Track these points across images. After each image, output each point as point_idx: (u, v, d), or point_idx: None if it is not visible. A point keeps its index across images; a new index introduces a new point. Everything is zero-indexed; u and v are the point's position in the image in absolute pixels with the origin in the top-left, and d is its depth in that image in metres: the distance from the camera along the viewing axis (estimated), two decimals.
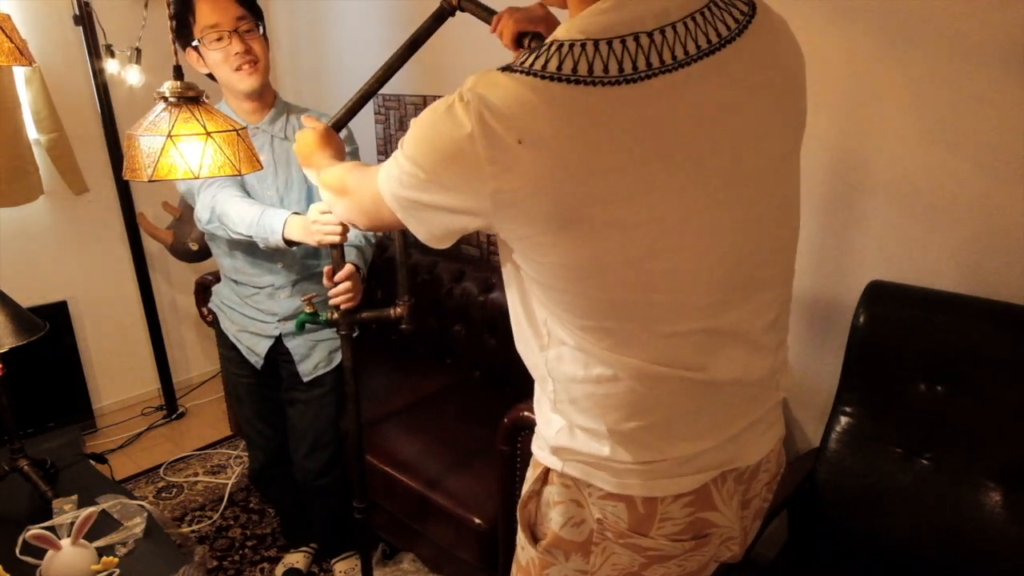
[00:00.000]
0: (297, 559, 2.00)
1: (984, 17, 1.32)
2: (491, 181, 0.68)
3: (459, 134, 0.67)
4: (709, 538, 0.87)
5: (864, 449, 1.46)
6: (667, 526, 0.84)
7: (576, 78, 0.66)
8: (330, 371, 1.75)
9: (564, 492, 0.88)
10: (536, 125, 0.66)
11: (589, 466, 0.84)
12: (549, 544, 0.90)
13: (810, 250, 1.66)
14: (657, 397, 0.79)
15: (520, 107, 0.66)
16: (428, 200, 0.74)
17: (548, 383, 0.85)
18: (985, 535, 1.30)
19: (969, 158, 1.40)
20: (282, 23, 2.90)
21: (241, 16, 1.46)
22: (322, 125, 1.21)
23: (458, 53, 2.19)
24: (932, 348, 1.39)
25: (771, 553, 1.54)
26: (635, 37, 0.67)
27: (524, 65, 0.68)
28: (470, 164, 0.68)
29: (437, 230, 0.77)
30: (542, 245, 0.72)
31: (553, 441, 0.86)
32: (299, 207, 1.59)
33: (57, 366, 2.65)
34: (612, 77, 0.66)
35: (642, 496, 0.82)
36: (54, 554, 1.26)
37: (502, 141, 0.66)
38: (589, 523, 0.87)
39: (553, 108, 0.66)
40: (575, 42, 0.67)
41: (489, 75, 0.69)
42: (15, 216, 2.46)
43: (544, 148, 0.66)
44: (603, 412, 0.80)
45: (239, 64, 1.48)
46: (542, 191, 0.67)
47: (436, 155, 0.71)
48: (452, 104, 0.69)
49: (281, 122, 1.61)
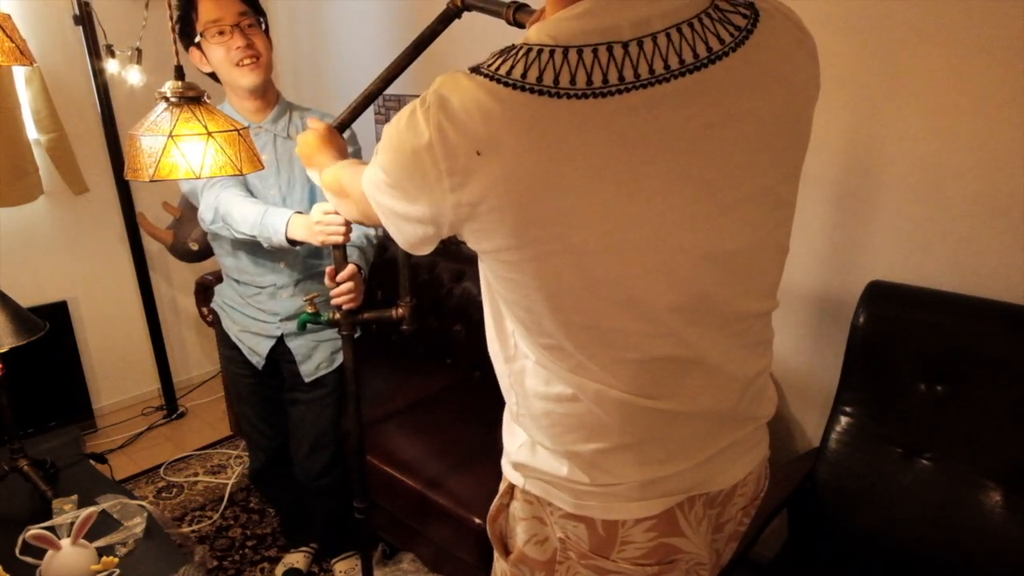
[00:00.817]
0: (297, 559, 2.00)
1: (984, 19, 1.33)
2: (451, 193, 0.64)
3: (419, 143, 0.64)
4: (675, 564, 0.82)
5: (864, 449, 1.46)
6: (629, 550, 0.80)
7: (540, 88, 0.61)
8: (331, 371, 1.75)
9: (527, 509, 0.86)
10: (495, 135, 0.61)
11: (549, 484, 0.82)
12: (516, 559, 0.89)
13: (810, 250, 1.66)
14: (617, 422, 0.74)
15: (480, 115, 0.62)
16: (400, 209, 0.71)
17: (511, 395, 0.84)
18: (985, 535, 1.30)
19: (969, 158, 1.40)
20: (282, 23, 2.90)
21: (243, 11, 1.47)
22: (324, 125, 1.21)
23: (459, 53, 2.18)
24: (932, 348, 1.40)
25: (771, 553, 1.54)
26: (608, 47, 0.62)
27: (490, 68, 0.64)
28: (431, 175, 0.65)
29: (411, 238, 0.74)
30: (505, 262, 0.69)
31: (514, 456, 0.85)
32: (302, 206, 1.59)
33: (57, 366, 2.65)
34: (579, 89, 0.61)
35: (601, 519, 0.79)
36: (54, 554, 1.26)
37: (460, 151, 0.62)
38: (552, 541, 0.84)
39: (514, 118, 0.61)
40: (544, 47, 0.63)
41: (454, 77, 0.65)
42: (15, 216, 2.46)
43: (503, 160, 0.62)
44: (562, 431, 0.78)
45: (240, 59, 1.48)
46: (502, 206, 0.63)
47: (400, 164, 0.68)
48: (414, 110, 0.66)
49: (284, 121, 1.61)
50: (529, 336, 0.75)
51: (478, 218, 0.65)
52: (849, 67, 1.50)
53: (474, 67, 0.66)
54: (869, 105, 1.50)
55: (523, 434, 0.84)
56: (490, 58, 0.66)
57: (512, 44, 0.66)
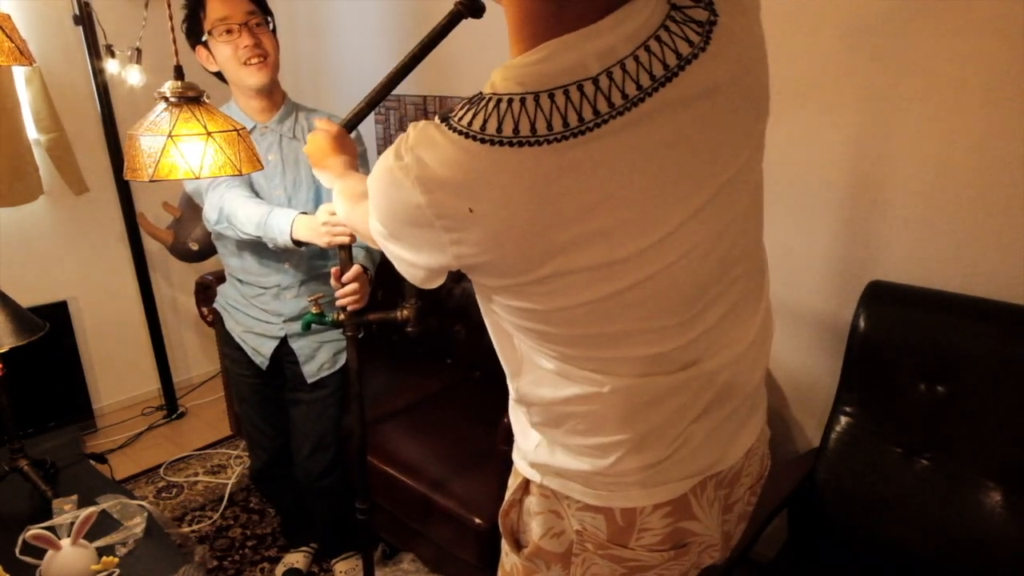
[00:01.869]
0: (297, 559, 2.00)
1: (984, 18, 1.33)
2: (451, 247, 0.67)
3: (411, 202, 0.65)
4: (688, 547, 0.85)
5: (864, 449, 1.46)
6: (646, 537, 0.83)
7: (519, 139, 0.61)
8: (334, 372, 1.75)
9: (543, 503, 0.87)
10: (484, 192, 0.62)
11: (567, 479, 0.83)
12: (531, 553, 0.90)
13: (810, 250, 1.66)
14: (636, 412, 0.77)
15: (464, 174, 0.63)
16: (406, 256, 0.73)
17: (522, 408, 0.85)
18: (985, 535, 1.30)
19: (969, 158, 1.40)
20: (282, 23, 2.89)
21: (251, 11, 1.48)
22: (335, 128, 1.21)
23: (459, 53, 2.19)
24: (932, 348, 1.40)
25: (771, 553, 1.54)
26: (579, 86, 0.62)
27: (462, 123, 0.64)
28: (429, 231, 0.67)
29: (417, 277, 0.76)
30: (511, 294, 0.71)
31: (532, 457, 0.86)
32: (307, 207, 1.59)
33: (57, 366, 2.65)
34: (557, 134, 0.61)
35: (620, 507, 0.81)
36: (54, 554, 1.26)
37: (453, 210, 0.64)
38: (569, 534, 0.86)
39: (499, 172, 0.62)
40: (514, 96, 0.63)
41: (426, 131, 0.65)
42: (15, 216, 2.46)
43: (497, 213, 0.63)
44: (583, 429, 0.79)
45: (248, 57, 1.48)
46: (503, 252, 0.65)
47: (396, 220, 0.70)
48: (391, 168, 0.66)
49: (290, 122, 1.61)
50: (541, 349, 0.77)
51: (480, 266, 0.68)
52: (850, 69, 1.50)
53: (444, 116, 0.66)
54: (870, 107, 1.50)
55: (537, 435, 0.85)
56: (459, 109, 0.66)
57: (480, 93, 0.66)
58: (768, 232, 0.82)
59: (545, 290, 0.68)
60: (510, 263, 0.66)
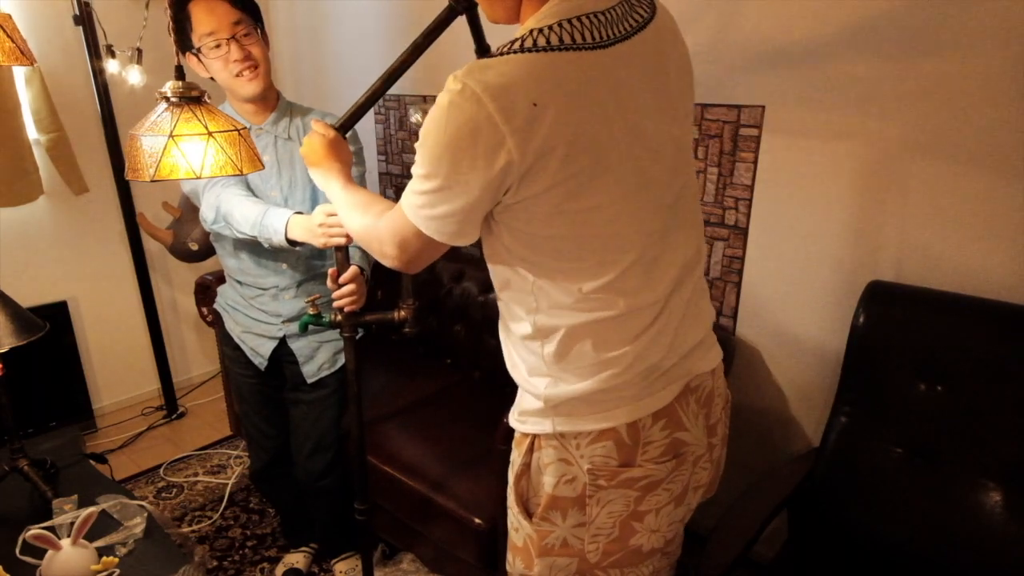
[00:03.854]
0: (297, 559, 2.00)
1: (984, 17, 1.33)
2: (516, 150, 0.76)
3: (478, 116, 0.74)
4: (684, 457, 0.98)
5: (864, 449, 1.46)
6: (650, 450, 0.94)
7: (564, 46, 0.78)
8: (334, 372, 1.75)
9: (553, 453, 0.95)
10: (545, 87, 0.75)
11: (574, 414, 0.93)
12: (545, 508, 0.97)
13: (809, 250, 1.66)
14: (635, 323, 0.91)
15: (523, 76, 0.75)
16: (451, 206, 0.82)
17: (536, 344, 0.94)
18: (985, 535, 1.30)
19: (969, 158, 1.40)
20: (282, 23, 2.90)
21: (238, 21, 1.45)
22: (332, 133, 1.22)
23: (457, 52, 2.18)
24: (932, 348, 1.40)
25: (771, 553, 1.54)
26: (595, 14, 0.81)
27: (511, 49, 0.78)
28: (493, 142, 0.75)
29: (466, 224, 0.85)
30: (561, 193, 0.81)
31: (544, 394, 0.95)
32: (304, 207, 1.59)
33: (57, 366, 2.65)
34: (590, 43, 0.79)
35: (626, 423, 0.92)
36: (54, 554, 1.26)
37: (518, 108, 0.74)
38: (581, 478, 0.94)
39: (554, 70, 0.76)
40: (552, 24, 0.79)
41: (476, 65, 0.77)
42: (15, 216, 2.46)
43: (554, 105, 0.75)
44: (592, 349, 0.91)
45: (239, 71, 1.48)
46: (558, 144, 0.77)
47: (453, 150, 0.78)
48: (451, 102, 0.76)
49: (284, 123, 1.61)
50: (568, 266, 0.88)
51: (542, 158, 0.77)
52: (850, 68, 1.50)
53: (486, 55, 0.80)
54: (870, 108, 1.50)
55: (546, 372, 0.95)
56: (500, 46, 0.80)
57: (516, 37, 0.80)
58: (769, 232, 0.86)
59: (580, 184, 0.80)
60: (562, 157, 0.77)
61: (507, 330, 1.00)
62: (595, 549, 0.98)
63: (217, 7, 1.43)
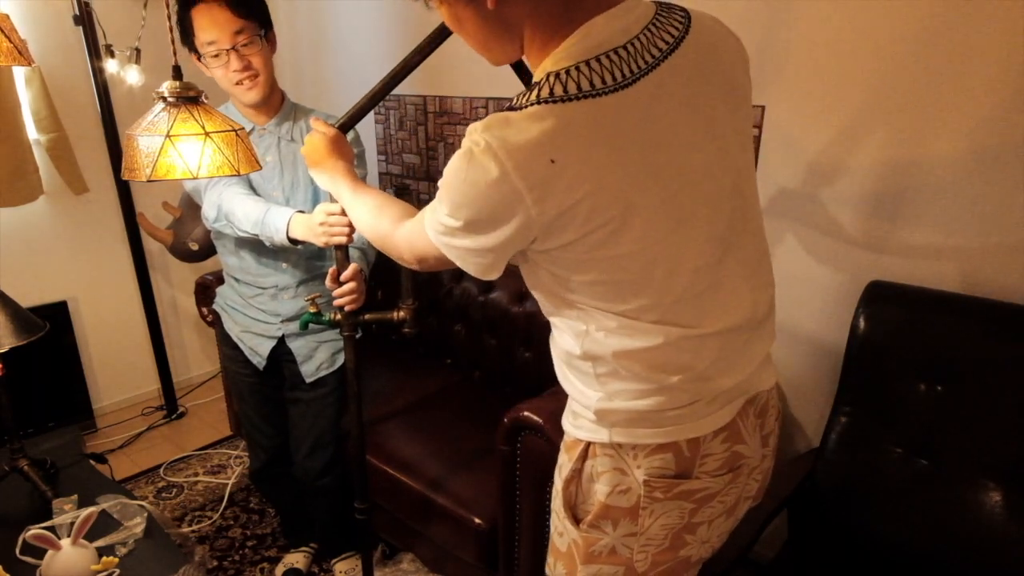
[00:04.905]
0: (297, 559, 2.00)
1: (985, 18, 1.32)
2: (534, 207, 0.74)
3: (492, 177, 0.73)
4: (740, 469, 0.95)
5: (864, 449, 1.46)
6: (708, 462, 0.92)
7: (582, 94, 0.74)
8: (333, 372, 1.75)
9: (608, 462, 0.93)
10: (561, 142, 0.73)
11: (633, 426, 0.90)
12: (596, 517, 0.94)
13: (810, 250, 1.66)
14: (694, 351, 0.87)
15: (541, 133, 0.72)
16: (475, 245, 0.80)
17: (587, 364, 0.91)
18: (985, 535, 1.30)
19: (969, 158, 1.40)
20: (283, 23, 2.90)
21: (239, 30, 1.43)
22: (333, 131, 1.21)
23: (458, 54, 2.18)
24: (932, 348, 1.39)
25: (771, 553, 1.54)
26: (615, 51, 0.76)
27: (528, 100, 0.75)
28: (511, 199, 0.74)
29: (487, 265, 0.83)
30: (589, 244, 0.78)
31: (598, 405, 0.91)
32: (305, 207, 1.59)
33: (57, 366, 2.65)
34: (610, 87, 0.75)
35: (687, 439, 0.90)
36: (54, 554, 1.27)
37: (536, 167, 0.73)
38: (635, 489, 0.91)
39: (571, 124, 0.73)
40: (569, 68, 0.75)
41: (496, 118, 0.75)
42: (15, 216, 2.46)
43: (576, 160, 0.73)
44: (652, 372, 0.87)
45: (238, 80, 1.48)
46: (586, 196, 0.74)
47: (477, 202, 0.76)
48: (471, 154, 0.74)
49: (288, 124, 1.61)
50: (606, 311, 0.85)
51: (563, 215, 0.76)
52: (850, 68, 1.50)
53: (508, 107, 0.76)
54: (870, 107, 1.49)
55: (600, 389, 0.91)
56: (518, 97, 0.77)
57: (533, 83, 0.78)
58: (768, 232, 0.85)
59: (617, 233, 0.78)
60: (587, 209, 0.75)
61: (556, 345, 0.97)
62: (644, 559, 0.95)
63: (219, 16, 1.41)
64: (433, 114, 2.38)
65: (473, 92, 2.23)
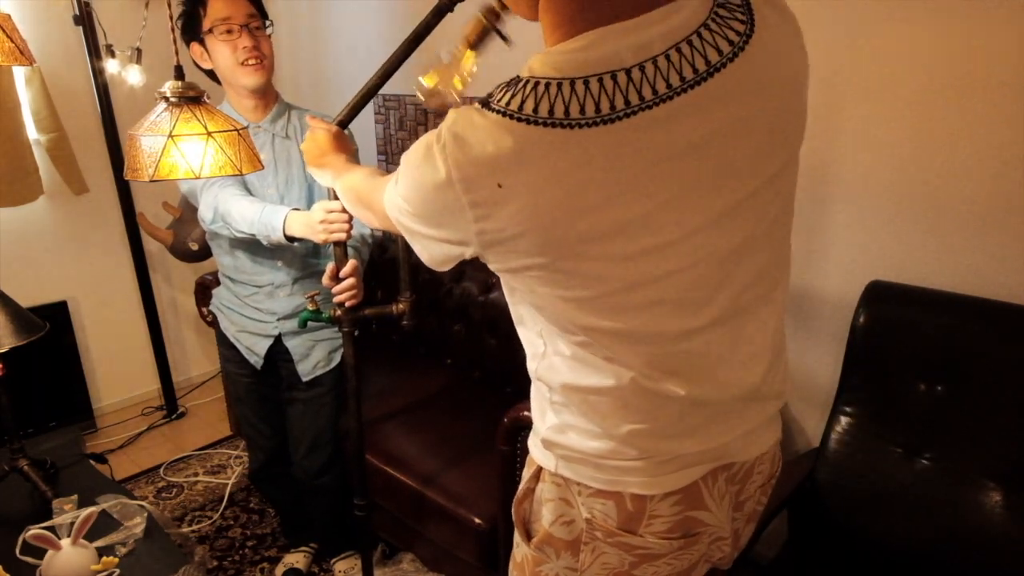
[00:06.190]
0: (297, 559, 2.00)
1: (985, 19, 1.33)
2: (475, 223, 0.68)
3: (439, 179, 0.67)
4: (699, 537, 0.86)
5: (864, 449, 1.46)
6: (656, 524, 0.83)
7: (552, 121, 0.64)
8: (329, 371, 1.75)
9: (555, 490, 0.88)
10: (514, 169, 0.65)
11: (579, 464, 0.84)
12: (540, 541, 0.91)
13: (810, 249, 1.66)
14: (651, 407, 0.78)
15: (497, 150, 0.64)
16: (423, 231, 0.75)
17: (543, 387, 0.86)
18: (985, 535, 1.30)
19: (970, 158, 1.40)
20: (282, 23, 2.90)
21: (252, 13, 1.50)
22: (334, 127, 1.22)
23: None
24: (932, 348, 1.40)
25: (771, 553, 1.54)
26: (612, 75, 0.64)
27: (501, 103, 0.66)
28: (454, 207, 0.68)
29: (436, 256, 0.78)
30: (532, 277, 0.72)
31: (544, 434, 0.87)
32: (300, 204, 1.60)
33: (57, 366, 2.65)
34: (588, 119, 0.64)
35: (631, 493, 0.82)
36: (54, 554, 1.26)
37: (482, 186, 0.66)
38: (579, 523, 0.87)
39: (531, 152, 0.64)
40: (551, 81, 0.65)
41: (467, 114, 0.68)
42: (15, 216, 2.46)
43: (524, 191, 0.65)
44: (599, 417, 0.80)
45: (246, 58, 1.49)
46: (527, 232, 0.67)
47: (421, 196, 0.71)
48: (430, 146, 0.69)
49: (282, 121, 1.62)
50: (562, 336, 0.78)
51: (504, 243, 0.69)
52: (851, 68, 1.50)
53: (484, 101, 0.68)
54: (870, 107, 1.50)
55: (554, 417, 0.86)
56: (498, 92, 0.68)
57: (517, 76, 0.69)
58: None
59: (560, 276, 0.70)
60: (532, 245, 0.68)
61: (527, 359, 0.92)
62: None
63: None
64: (433, 114, 2.38)
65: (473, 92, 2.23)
